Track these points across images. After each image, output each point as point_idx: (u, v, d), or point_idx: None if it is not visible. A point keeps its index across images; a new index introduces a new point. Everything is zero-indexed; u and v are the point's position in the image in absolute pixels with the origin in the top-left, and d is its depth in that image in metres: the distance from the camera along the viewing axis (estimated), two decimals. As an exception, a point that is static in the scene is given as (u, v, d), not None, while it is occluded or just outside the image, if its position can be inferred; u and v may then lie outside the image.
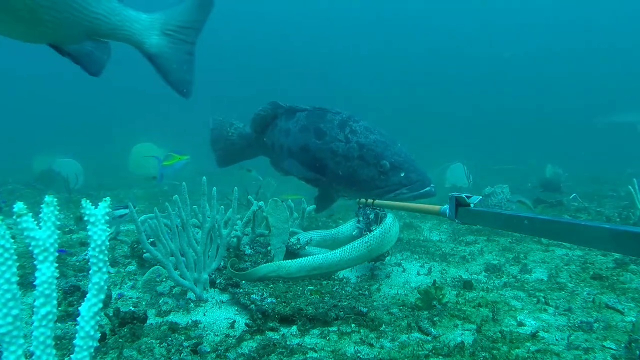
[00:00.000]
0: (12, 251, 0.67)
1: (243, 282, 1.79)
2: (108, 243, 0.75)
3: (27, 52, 22.62)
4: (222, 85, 24.82)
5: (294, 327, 1.44)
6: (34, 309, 0.71)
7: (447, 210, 1.43)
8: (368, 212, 2.15)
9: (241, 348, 1.31)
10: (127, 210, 2.36)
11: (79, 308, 0.74)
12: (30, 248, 0.70)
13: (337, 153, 2.49)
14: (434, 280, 1.85)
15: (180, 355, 1.25)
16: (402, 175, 2.30)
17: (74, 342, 0.75)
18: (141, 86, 23.81)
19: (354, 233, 2.20)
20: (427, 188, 2.29)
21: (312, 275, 1.86)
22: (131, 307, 1.60)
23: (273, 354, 1.25)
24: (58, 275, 0.73)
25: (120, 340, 1.32)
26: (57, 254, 0.72)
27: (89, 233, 0.73)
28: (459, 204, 1.36)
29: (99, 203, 0.75)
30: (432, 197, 2.32)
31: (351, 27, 23.70)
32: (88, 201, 0.73)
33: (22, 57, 22.52)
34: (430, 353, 1.27)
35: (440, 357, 1.26)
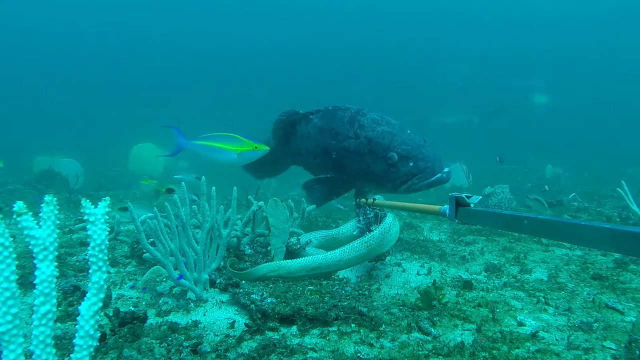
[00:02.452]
0: (11, 249, 0.67)
1: (243, 282, 1.79)
2: (108, 242, 0.74)
3: (28, 52, 22.65)
4: (222, 86, 24.83)
5: (294, 327, 1.44)
6: (34, 308, 0.71)
7: (447, 210, 1.43)
8: (367, 211, 2.15)
9: (241, 348, 1.31)
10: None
11: (79, 307, 0.74)
12: (30, 247, 0.70)
13: (350, 150, 2.43)
14: (434, 280, 1.85)
15: (180, 355, 1.25)
16: (411, 164, 2.19)
17: (73, 341, 0.75)
18: (141, 86, 23.84)
19: (354, 233, 2.20)
20: (438, 175, 2.17)
21: (312, 275, 1.86)
22: (131, 307, 1.60)
23: (273, 354, 1.25)
24: (58, 274, 0.73)
25: (120, 340, 1.32)
26: (56, 253, 0.72)
27: (89, 232, 0.73)
28: (459, 204, 1.36)
29: (99, 203, 0.75)
30: (446, 182, 2.19)
31: (352, 28, 23.67)
32: (88, 201, 0.73)
33: (22, 57, 22.55)
34: (430, 353, 1.27)
35: (440, 357, 1.26)
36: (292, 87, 23.88)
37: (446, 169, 2.20)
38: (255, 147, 2.30)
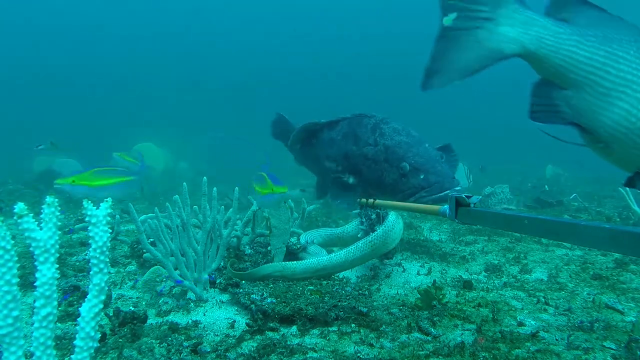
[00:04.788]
0: (13, 252, 0.67)
1: (243, 282, 1.79)
2: (109, 244, 0.75)
3: (28, 51, 22.66)
4: (221, 86, 24.84)
5: (294, 327, 1.44)
6: (35, 310, 0.71)
7: (447, 211, 1.43)
8: (369, 212, 2.16)
9: (241, 348, 1.32)
10: None
11: (80, 309, 0.75)
12: (31, 249, 0.70)
13: (367, 157, 2.48)
14: (434, 280, 1.86)
15: (180, 355, 1.25)
16: (422, 177, 2.23)
17: (74, 342, 0.75)
18: (142, 86, 23.84)
19: (359, 235, 2.21)
20: (447, 191, 2.18)
21: (317, 276, 1.87)
22: (131, 307, 1.60)
23: (273, 354, 1.25)
24: (59, 276, 0.73)
25: (120, 340, 1.33)
26: (57, 255, 0.72)
27: (90, 234, 0.73)
28: (459, 204, 1.36)
29: (101, 204, 0.75)
30: None
31: (354, 28, 23.61)
32: (90, 202, 0.73)
33: (23, 56, 22.55)
34: (430, 353, 1.27)
35: (440, 357, 1.26)
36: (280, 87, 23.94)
37: (457, 187, 2.22)
38: (273, 190, 2.09)
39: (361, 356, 1.26)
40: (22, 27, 22.41)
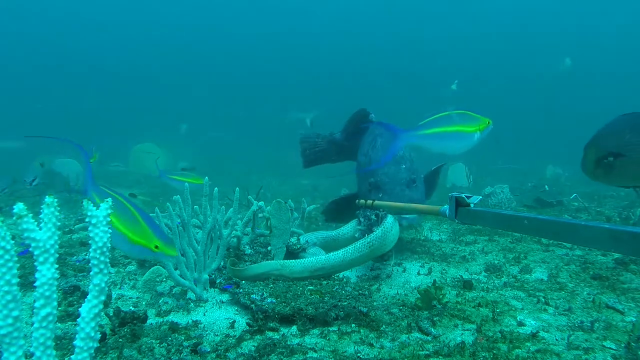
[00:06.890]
0: (13, 252, 0.67)
1: (243, 282, 1.79)
2: (110, 245, 0.75)
3: (27, 51, 22.67)
4: (220, 84, 24.83)
5: (294, 327, 1.44)
6: (34, 311, 0.71)
7: (447, 210, 1.43)
8: (368, 213, 2.16)
9: (241, 348, 1.32)
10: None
11: (80, 309, 0.74)
12: (30, 249, 0.70)
13: (360, 164, 2.66)
14: (434, 280, 1.85)
15: (180, 355, 1.25)
16: (380, 195, 2.34)
17: (74, 343, 0.75)
18: (142, 86, 23.85)
19: (356, 235, 2.20)
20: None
21: (315, 275, 1.86)
22: (131, 307, 1.60)
23: (273, 354, 1.25)
24: (58, 276, 0.73)
25: (120, 340, 1.33)
26: (57, 256, 0.72)
27: (91, 235, 0.73)
28: (459, 204, 1.36)
29: (101, 204, 0.75)
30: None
31: (359, 24, 23.53)
32: (90, 202, 0.73)
33: (22, 56, 22.56)
34: (430, 353, 1.27)
35: (440, 357, 1.26)
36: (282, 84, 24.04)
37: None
38: (489, 123, 1.87)
39: (361, 356, 1.26)
40: (21, 27, 22.41)
